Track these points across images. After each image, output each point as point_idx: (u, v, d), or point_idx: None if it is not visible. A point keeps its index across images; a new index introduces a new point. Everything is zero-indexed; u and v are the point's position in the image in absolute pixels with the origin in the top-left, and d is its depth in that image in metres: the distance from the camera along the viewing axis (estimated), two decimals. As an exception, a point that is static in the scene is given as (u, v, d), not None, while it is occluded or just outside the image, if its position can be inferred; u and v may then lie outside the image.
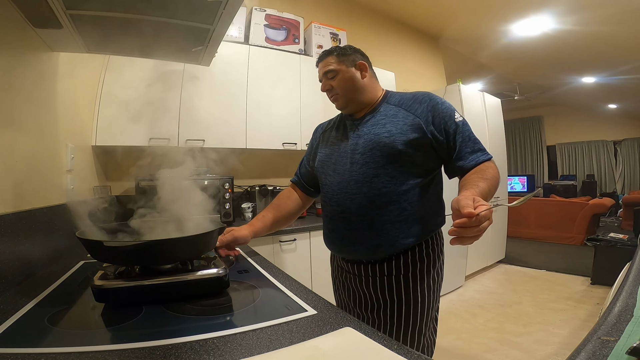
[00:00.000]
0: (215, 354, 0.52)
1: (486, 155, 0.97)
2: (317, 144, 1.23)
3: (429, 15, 3.75)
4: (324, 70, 1.09)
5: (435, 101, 1.01)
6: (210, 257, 0.88)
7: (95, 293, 0.70)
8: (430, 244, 1.03)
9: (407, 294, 1.00)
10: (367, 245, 1.00)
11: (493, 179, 0.90)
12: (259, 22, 2.51)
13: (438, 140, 0.98)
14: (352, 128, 1.09)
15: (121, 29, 1.04)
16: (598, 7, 3.08)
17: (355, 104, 1.09)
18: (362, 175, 1.00)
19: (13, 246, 0.85)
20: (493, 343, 2.24)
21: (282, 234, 2.07)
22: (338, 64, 1.07)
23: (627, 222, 5.87)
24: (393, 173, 0.98)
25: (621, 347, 0.54)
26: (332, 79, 1.08)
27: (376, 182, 0.98)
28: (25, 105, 1.02)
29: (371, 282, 1.04)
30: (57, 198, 1.21)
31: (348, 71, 1.07)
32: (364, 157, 1.01)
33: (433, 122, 0.98)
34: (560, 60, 4.67)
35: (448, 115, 0.98)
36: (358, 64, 1.08)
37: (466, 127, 0.99)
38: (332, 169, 1.09)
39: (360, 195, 1.00)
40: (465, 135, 0.97)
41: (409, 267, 1.00)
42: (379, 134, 1.01)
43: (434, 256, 1.03)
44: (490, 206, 0.69)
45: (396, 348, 0.53)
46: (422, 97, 1.03)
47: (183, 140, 2.08)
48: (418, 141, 0.97)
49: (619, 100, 6.64)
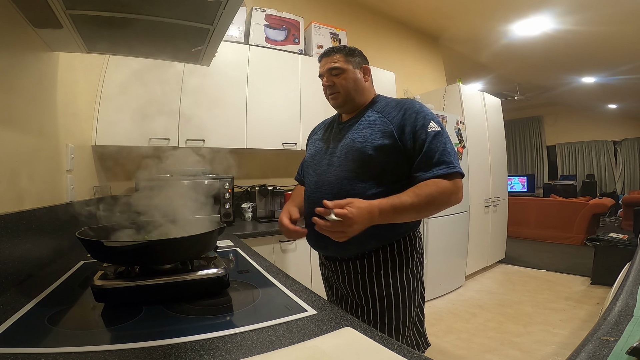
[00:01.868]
0: (215, 354, 0.52)
1: (448, 169, 0.93)
2: (309, 143, 1.28)
3: (429, 15, 3.75)
4: (330, 65, 1.09)
5: (413, 109, 1.00)
6: (210, 257, 0.88)
7: (95, 293, 0.70)
8: (401, 244, 1.04)
9: (379, 291, 1.01)
10: (336, 244, 0.97)
11: (427, 197, 0.90)
12: (259, 22, 2.51)
13: (406, 147, 0.97)
14: (337, 131, 1.13)
15: (121, 29, 1.04)
16: (598, 7, 3.08)
17: (352, 104, 1.11)
18: (335, 177, 1.04)
19: (13, 246, 0.85)
20: (493, 343, 2.24)
21: (282, 234, 2.07)
22: (345, 63, 1.08)
23: (627, 222, 5.87)
24: (363, 177, 0.99)
25: (621, 347, 0.54)
26: (336, 76, 1.08)
27: (346, 184, 1.01)
28: (25, 105, 1.02)
29: (346, 279, 1.07)
30: (57, 198, 1.21)
31: (353, 72, 1.09)
32: (339, 161, 1.05)
33: (404, 128, 0.98)
34: (560, 60, 4.67)
35: (421, 124, 0.97)
36: (363, 67, 1.11)
37: (439, 137, 0.96)
38: (313, 169, 1.14)
39: (330, 195, 1.01)
40: (433, 145, 0.95)
41: (381, 264, 1.02)
42: (354, 138, 1.04)
43: (407, 255, 1.04)
44: (339, 220, 0.83)
45: (396, 348, 0.53)
46: (403, 103, 1.04)
47: (183, 140, 2.08)
48: (389, 147, 0.98)
49: (619, 100, 6.64)
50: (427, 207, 0.91)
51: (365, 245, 1.00)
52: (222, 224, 0.92)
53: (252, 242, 1.90)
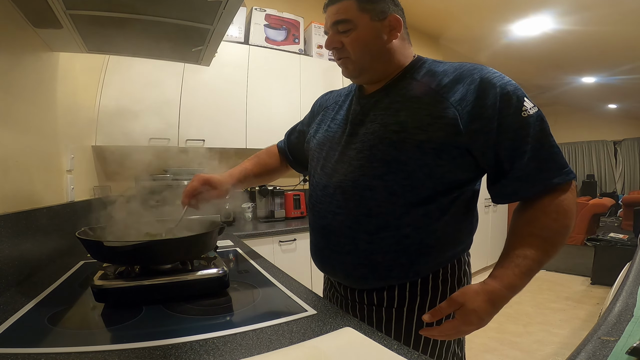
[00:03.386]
0: (215, 354, 0.52)
1: (564, 177, 0.63)
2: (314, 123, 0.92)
3: (429, 15, 3.75)
4: (335, 18, 0.72)
5: (489, 80, 0.64)
6: (210, 257, 0.88)
7: (95, 293, 0.70)
8: (440, 275, 0.74)
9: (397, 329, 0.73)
10: (348, 274, 0.77)
11: (561, 234, 0.63)
12: (259, 22, 2.51)
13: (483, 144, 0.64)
14: (357, 109, 0.78)
15: (121, 29, 1.04)
16: (598, 7, 3.08)
17: (372, 73, 0.75)
18: (351, 182, 0.72)
19: (13, 246, 0.85)
20: (493, 343, 2.24)
21: (282, 234, 2.07)
22: (358, 13, 0.70)
23: (627, 222, 5.86)
24: (395, 187, 0.68)
25: (621, 347, 0.54)
26: (344, 32, 0.72)
27: (368, 197, 0.70)
28: (25, 105, 1.02)
29: (358, 309, 0.79)
30: (57, 198, 1.21)
31: (371, 26, 0.71)
32: (359, 157, 0.72)
33: (479, 115, 0.63)
34: (560, 60, 4.67)
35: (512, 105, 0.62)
36: (389, 17, 0.71)
37: (540, 125, 0.63)
38: (321, 165, 0.81)
39: (345, 211, 0.73)
40: (535, 139, 0.62)
41: (405, 300, 0.73)
42: (386, 124, 0.70)
43: (445, 288, 0.74)
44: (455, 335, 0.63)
45: (396, 348, 0.53)
46: (468, 72, 0.67)
47: (183, 140, 2.08)
48: (443, 143, 0.65)
49: (619, 100, 6.63)
50: (553, 252, 0.63)
51: (389, 278, 0.73)
52: (222, 224, 0.92)
53: (252, 242, 1.90)
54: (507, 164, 0.65)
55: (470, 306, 0.60)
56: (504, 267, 0.63)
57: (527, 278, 0.62)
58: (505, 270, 0.62)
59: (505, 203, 0.69)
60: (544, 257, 0.62)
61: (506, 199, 0.68)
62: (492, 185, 0.70)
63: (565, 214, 0.63)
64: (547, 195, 0.64)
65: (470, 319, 0.60)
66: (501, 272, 0.62)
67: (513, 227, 0.67)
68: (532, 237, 0.63)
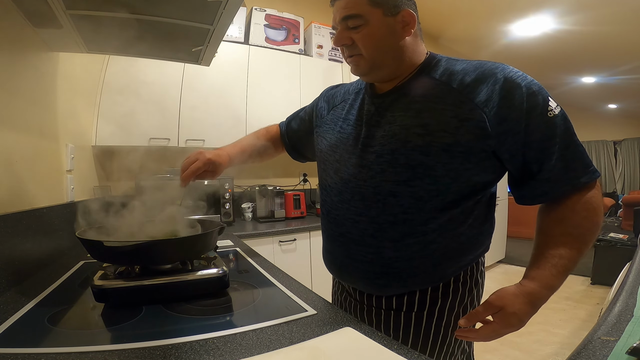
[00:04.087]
0: (215, 354, 0.52)
1: (590, 176, 0.63)
2: (322, 122, 0.88)
3: (429, 15, 3.75)
4: (345, 13, 0.67)
5: (513, 80, 0.63)
6: (210, 257, 0.88)
7: (95, 293, 0.70)
8: (460, 277, 0.74)
9: (416, 332, 0.74)
10: (370, 282, 0.75)
11: (593, 231, 0.63)
12: (259, 22, 2.51)
13: (511, 147, 0.63)
14: (370, 109, 0.74)
15: (121, 29, 1.03)
16: (598, 7, 3.08)
17: (384, 71, 0.72)
18: (372, 189, 0.70)
19: (13, 246, 0.85)
20: (493, 343, 2.22)
21: (282, 234, 2.07)
22: (370, 8, 0.66)
23: (627, 222, 5.86)
24: (421, 193, 0.66)
25: (621, 347, 0.54)
26: (354, 29, 0.68)
27: (393, 203, 0.68)
28: (25, 105, 1.02)
29: (374, 313, 0.78)
30: (57, 198, 1.21)
31: (383, 22, 0.67)
32: (379, 162, 0.69)
33: (506, 117, 0.61)
34: (560, 60, 4.67)
35: (538, 106, 0.61)
36: (402, 12, 0.68)
37: (565, 125, 0.63)
38: (335, 169, 0.78)
39: (366, 218, 0.71)
40: (562, 140, 0.62)
41: (426, 304, 0.73)
42: (408, 126, 0.67)
43: (464, 290, 0.74)
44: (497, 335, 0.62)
45: (396, 348, 0.53)
46: (490, 72, 0.64)
47: (183, 140, 2.08)
48: (473, 147, 0.63)
49: (619, 100, 6.63)
50: (585, 249, 0.64)
51: (412, 285, 0.73)
52: (222, 224, 0.92)
53: (252, 242, 1.90)
54: (536, 166, 0.64)
55: (511, 309, 0.60)
56: (540, 267, 0.63)
57: (564, 277, 0.63)
58: (542, 271, 0.62)
59: (534, 204, 0.68)
60: (578, 255, 0.63)
61: (535, 200, 0.67)
62: (519, 187, 0.69)
63: (595, 211, 0.63)
64: (574, 194, 0.64)
65: (511, 322, 0.60)
66: (538, 273, 0.63)
67: (542, 227, 0.67)
68: (564, 237, 0.63)
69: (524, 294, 0.61)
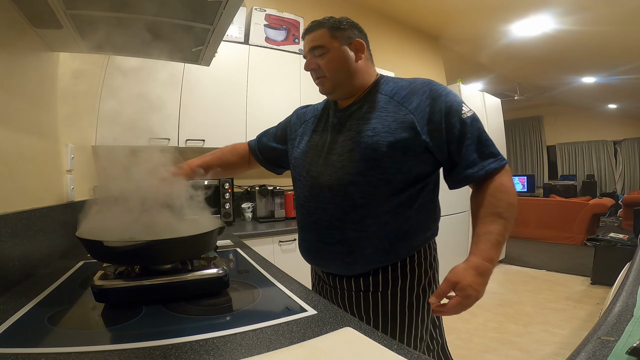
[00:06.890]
0: (215, 354, 0.52)
1: (498, 162, 0.81)
2: (296, 135, 1.05)
3: (429, 15, 3.75)
4: (311, 44, 0.90)
5: (436, 92, 0.82)
6: (210, 257, 0.88)
7: (95, 293, 0.70)
8: (415, 259, 0.89)
9: (384, 311, 0.87)
10: (340, 262, 0.89)
11: (509, 208, 0.78)
12: (259, 22, 2.51)
13: (437, 142, 0.81)
14: (334, 121, 0.93)
15: (121, 29, 1.03)
16: (598, 7, 3.08)
17: (344, 89, 0.92)
18: (336, 181, 0.86)
19: (13, 246, 0.85)
20: (493, 343, 2.24)
21: (282, 234, 2.07)
22: (330, 40, 0.88)
23: (627, 222, 5.87)
24: (374, 181, 0.83)
25: (621, 347, 0.54)
26: (319, 56, 0.89)
27: (352, 191, 0.84)
28: (25, 105, 1.02)
29: (346, 297, 0.92)
30: (57, 198, 1.21)
31: (341, 50, 0.88)
32: (340, 160, 0.86)
33: (431, 119, 0.80)
34: (560, 60, 4.67)
35: (453, 110, 0.80)
36: (354, 42, 0.90)
37: (475, 124, 0.81)
38: (306, 170, 0.94)
39: (332, 205, 0.86)
40: (474, 135, 0.80)
41: (389, 283, 0.87)
42: (361, 131, 0.85)
43: (420, 271, 0.89)
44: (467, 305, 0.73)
45: (396, 348, 0.53)
46: (420, 86, 0.85)
47: (183, 140, 2.08)
48: (408, 143, 0.81)
49: (619, 100, 6.64)
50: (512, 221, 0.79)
51: (374, 262, 0.87)
52: (222, 224, 0.92)
53: (252, 242, 1.90)
54: (456, 157, 0.82)
55: (465, 282, 0.73)
56: (477, 245, 0.78)
57: (498, 248, 0.77)
58: (480, 246, 0.77)
59: (459, 187, 0.86)
60: (504, 229, 0.77)
61: (459, 184, 0.85)
62: (447, 176, 0.87)
63: (507, 192, 0.80)
64: (489, 180, 0.81)
65: (468, 292, 0.72)
66: (478, 248, 0.77)
67: (473, 212, 0.84)
68: (488, 216, 0.79)
69: (471, 267, 0.74)
